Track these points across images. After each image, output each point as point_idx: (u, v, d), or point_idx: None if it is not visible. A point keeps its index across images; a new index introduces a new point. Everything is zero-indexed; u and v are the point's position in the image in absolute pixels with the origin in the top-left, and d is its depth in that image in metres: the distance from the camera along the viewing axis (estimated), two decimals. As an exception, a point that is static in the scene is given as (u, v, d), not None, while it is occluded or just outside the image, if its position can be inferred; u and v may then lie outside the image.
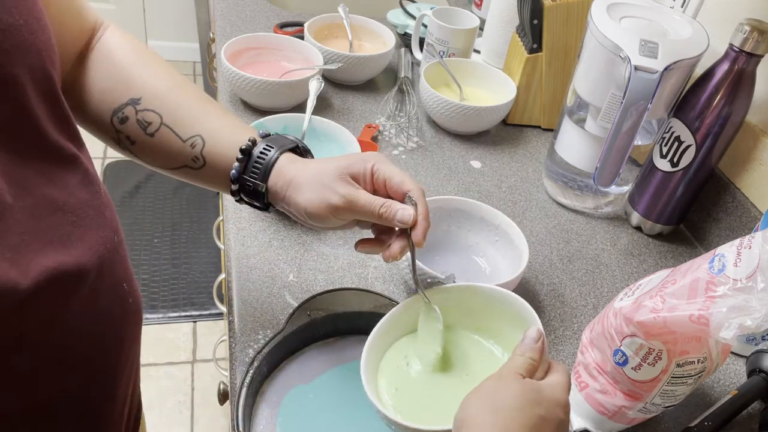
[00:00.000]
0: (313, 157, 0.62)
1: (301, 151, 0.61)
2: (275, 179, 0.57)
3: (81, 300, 0.42)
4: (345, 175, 0.54)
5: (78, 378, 0.45)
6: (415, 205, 0.54)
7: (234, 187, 0.58)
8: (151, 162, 0.59)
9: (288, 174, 0.56)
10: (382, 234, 0.58)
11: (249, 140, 0.57)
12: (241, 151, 0.56)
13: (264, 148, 0.57)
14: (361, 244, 0.58)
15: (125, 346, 0.51)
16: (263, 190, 0.57)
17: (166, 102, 0.57)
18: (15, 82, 0.38)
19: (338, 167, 0.55)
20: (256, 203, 0.59)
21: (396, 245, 0.55)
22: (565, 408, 0.46)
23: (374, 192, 0.56)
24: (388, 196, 0.55)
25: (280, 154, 0.57)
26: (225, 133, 0.58)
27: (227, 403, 0.97)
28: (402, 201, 0.54)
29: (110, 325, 0.47)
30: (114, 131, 0.57)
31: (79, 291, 0.41)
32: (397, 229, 0.56)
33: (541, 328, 0.51)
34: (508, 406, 0.43)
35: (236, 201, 0.60)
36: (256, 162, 0.57)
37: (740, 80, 0.79)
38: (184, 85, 0.60)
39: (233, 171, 0.57)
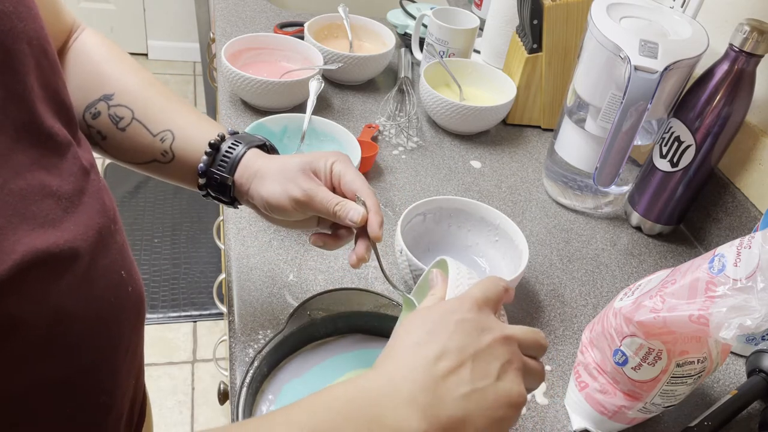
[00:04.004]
0: (278, 154, 0.64)
1: (268, 149, 0.63)
2: (241, 172, 0.59)
3: (71, 283, 0.41)
4: (308, 170, 0.57)
5: (73, 365, 0.44)
6: (364, 204, 0.56)
7: (201, 180, 0.60)
8: (121, 156, 0.61)
9: (253, 167, 0.58)
10: (340, 229, 0.60)
11: (218, 135, 0.59)
12: (210, 145, 0.59)
13: (232, 143, 0.60)
14: (316, 236, 0.60)
15: (125, 336, 0.50)
16: (230, 183, 0.59)
17: (138, 98, 0.59)
18: (6, 67, 0.39)
19: (302, 162, 0.57)
20: (222, 197, 0.61)
21: (360, 246, 0.56)
22: (462, 307, 0.43)
23: (332, 190, 0.58)
24: (345, 195, 0.57)
25: (248, 149, 0.60)
26: (194, 129, 0.60)
27: (227, 403, 0.97)
28: (355, 201, 0.57)
29: (107, 311, 0.47)
30: (86, 127, 0.59)
31: (68, 273, 0.41)
32: (354, 230, 0.58)
33: (449, 266, 0.50)
34: (394, 345, 0.43)
35: (203, 196, 0.62)
36: (223, 156, 0.59)
37: (740, 80, 0.79)
38: (155, 84, 0.62)
39: (201, 164, 0.59)
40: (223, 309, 0.94)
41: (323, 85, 0.97)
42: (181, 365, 1.78)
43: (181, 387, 1.73)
